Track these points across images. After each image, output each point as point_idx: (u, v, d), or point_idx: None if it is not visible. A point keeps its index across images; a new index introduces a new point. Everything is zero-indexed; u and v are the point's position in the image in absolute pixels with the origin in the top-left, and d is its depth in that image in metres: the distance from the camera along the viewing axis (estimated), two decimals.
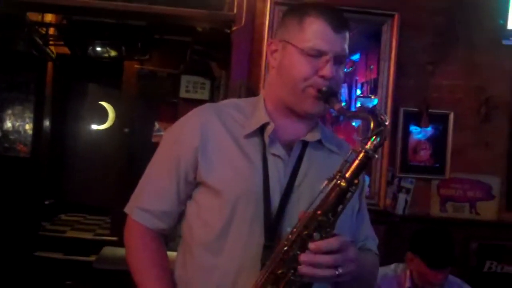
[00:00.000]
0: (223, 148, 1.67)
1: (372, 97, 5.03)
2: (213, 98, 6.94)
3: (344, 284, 1.54)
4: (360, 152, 1.49)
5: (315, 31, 1.63)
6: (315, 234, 1.46)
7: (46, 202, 9.15)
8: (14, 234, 7.34)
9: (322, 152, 1.74)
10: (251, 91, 4.02)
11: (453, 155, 4.24)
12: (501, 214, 4.31)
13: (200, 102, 7.06)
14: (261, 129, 1.69)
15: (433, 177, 4.25)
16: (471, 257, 4.18)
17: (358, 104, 5.34)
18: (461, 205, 4.26)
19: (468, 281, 3.36)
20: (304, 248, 1.45)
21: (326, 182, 1.50)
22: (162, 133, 7.86)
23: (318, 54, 1.63)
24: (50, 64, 8.27)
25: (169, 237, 1.83)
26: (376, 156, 1.50)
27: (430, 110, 4.21)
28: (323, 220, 1.46)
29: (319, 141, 1.74)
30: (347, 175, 1.48)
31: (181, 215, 1.77)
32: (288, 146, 1.70)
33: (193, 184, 1.71)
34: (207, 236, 1.66)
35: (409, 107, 4.22)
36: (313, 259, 1.43)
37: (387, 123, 1.51)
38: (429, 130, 4.23)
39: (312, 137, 1.72)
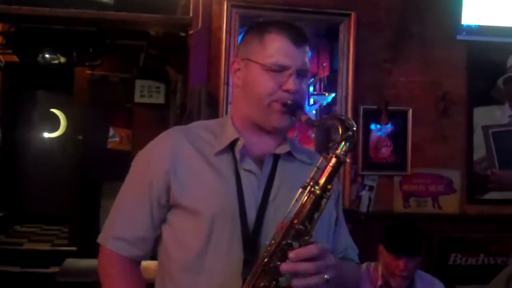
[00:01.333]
0: (195, 168, 1.66)
1: (326, 94, 5.06)
2: (169, 102, 6.87)
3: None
4: (332, 157, 1.51)
5: (276, 47, 1.65)
6: (294, 243, 1.46)
7: (0, 214, 8.93)
8: None
9: (293, 163, 1.74)
10: (211, 94, 4.00)
11: (414, 151, 4.30)
12: (463, 207, 4.40)
13: (155, 106, 7.00)
14: (231, 146, 1.69)
15: (395, 173, 4.30)
16: (435, 251, 4.24)
17: (312, 102, 5.38)
18: (423, 200, 4.32)
19: (434, 275, 3.39)
20: (284, 258, 1.44)
21: (300, 190, 1.50)
22: (116, 139, 7.77)
23: (280, 69, 1.64)
24: None
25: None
26: (348, 160, 1.52)
27: (389, 107, 4.25)
28: (300, 229, 1.46)
29: (289, 153, 1.74)
30: (321, 181, 1.49)
31: (156, 241, 1.74)
32: (259, 161, 1.70)
33: (166, 207, 1.69)
34: (185, 257, 1.64)
35: (368, 105, 4.26)
36: (294, 267, 1.42)
37: (355, 128, 1.53)
38: (389, 127, 4.28)
39: (282, 149, 1.72)
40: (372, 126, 4.26)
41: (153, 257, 1.79)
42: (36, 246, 8.55)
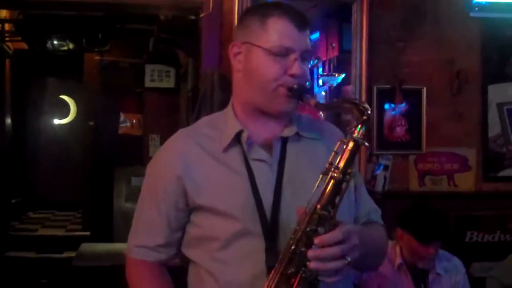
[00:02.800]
0: (206, 169, 1.66)
1: (336, 75, 5.05)
2: (179, 87, 6.88)
3: (356, 262, 1.53)
4: (349, 141, 1.49)
5: (280, 31, 1.62)
6: (319, 228, 1.46)
7: (13, 201, 8.98)
8: None
9: (302, 143, 1.73)
10: (224, 77, 3.98)
11: (428, 130, 4.28)
12: (478, 185, 4.38)
13: (166, 90, 7.01)
14: (237, 138, 1.68)
15: (410, 153, 4.29)
16: (451, 229, 4.23)
17: (321, 83, 5.37)
18: (439, 178, 4.31)
19: (450, 252, 3.40)
20: (310, 244, 1.45)
21: (320, 176, 1.49)
22: (127, 124, 7.80)
23: (285, 52, 1.61)
24: (7, 61, 8.08)
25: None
26: (366, 144, 1.51)
27: (403, 86, 4.23)
28: (324, 214, 1.46)
29: (297, 134, 1.72)
30: (340, 165, 1.48)
31: (181, 241, 1.77)
32: (268, 147, 1.69)
33: (185, 210, 1.70)
34: (213, 250, 1.65)
35: (382, 85, 4.24)
36: (321, 253, 1.42)
37: (369, 111, 1.51)
38: (403, 106, 4.26)
39: (288, 132, 1.70)
40: (386, 106, 4.24)
41: None
42: (50, 232, 8.62)
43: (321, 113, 4.37)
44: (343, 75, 4.92)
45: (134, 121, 7.67)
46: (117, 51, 7.85)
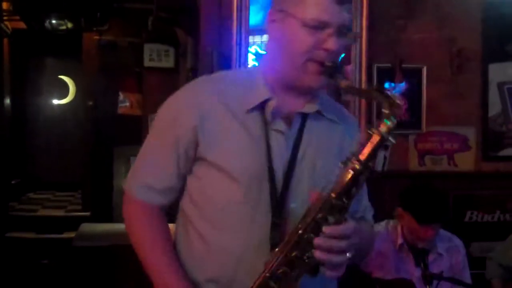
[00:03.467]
0: (223, 125, 1.62)
1: None
2: (178, 66, 6.83)
3: None
4: (376, 135, 1.43)
5: (318, 2, 1.55)
6: (329, 217, 1.43)
7: (13, 182, 8.98)
8: None
9: (321, 122, 1.69)
10: (223, 56, 3.96)
11: (428, 109, 4.26)
12: (478, 164, 4.37)
13: (165, 70, 6.96)
14: (262, 104, 1.63)
15: (410, 132, 4.27)
16: (451, 208, 4.23)
17: None
18: (439, 158, 4.30)
19: (450, 232, 3.40)
20: (318, 232, 1.42)
21: (340, 164, 1.45)
22: (127, 104, 7.76)
23: (321, 26, 1.55)
24: (6, 41, 8.04)
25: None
26: (394, 141, 1.44)
27: (403, 65, 4.20)
28: (337, 204, 1.43)
29: (318, 112, 1.68)
30: (362, 158, 1.42)
31: (181, 190, 1.73)
32: (288, 120, 1.65)
33: (193, 159, 1.66)
34: (211, 211, 1.63)
35: (382, 64, 4.21)
36: (328, 244, 1.41)
37: (401, 106, 1.44)
38: (403, 85, 4.23)
39: (310, 108, 1.66)
40: (386, 85, 4.21)
41: (171, 220, 1.78)
42: (50, 213, 8.62)
43: None
44: (342, 54, 4.88)
45: (133, 101, 7.64)
46: (115, 30, 7.80)
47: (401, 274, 3.15)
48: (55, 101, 10.66)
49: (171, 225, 1.74)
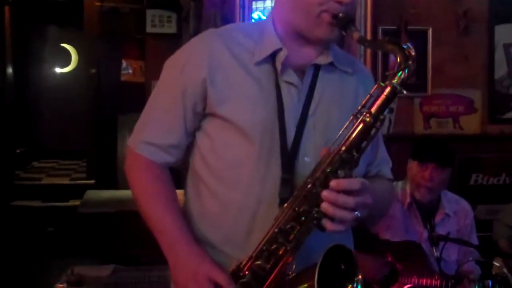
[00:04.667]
0: (233, 77, 1.57)
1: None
2: (181, 31, 6.78)
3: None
4: (387, 87, 1.40)
5: None
6: (339, 171, 1.40)
7: (18, 151, 9.00)
8: None
9: (334, 74, 1.64)
10: (227, 19, 3.92)
11: (434, 71, 4.22)
12: (484, 127, 4.35)
13: (168, 36, 6.91)
14: (272, 55, 1.59)
15: (416, 95, 4.24)
16: (456, 171, 4.21)
17: None
18: (444, 121, 4.28)
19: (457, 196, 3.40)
20: (327, 186, 1.39)
21: (351, 117, 1.42)
22: (129, 71, 7.71)
23: None
24: (7, 8, 7.98)
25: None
26: (405, 92, 1.40)
27: (408, 27, 4.15)
28: (347, 157, 1.40)
29: (331, 63, 1.63)
30: (373, 110, 1.39)
31: (189, 147, 1.69)
32: (300, 72, 1.60)
33: (201, 115, 1.62)
34: (222, 168, 1.59)
35: (387, 26, 4.16)
36: (335, 197, 1.38)
37: (414, 57, 1.41)
38: None
39: (323, 59, 1.62)
40: None
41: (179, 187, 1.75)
42: (55, 181, 8.65)
43: None
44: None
45: (136, 68, 7.59)
46: None
47: (409, 235, 3.16)
48: (58, 70, 10.63)
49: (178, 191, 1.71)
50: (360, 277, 1.41)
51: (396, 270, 3.03)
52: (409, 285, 3.02)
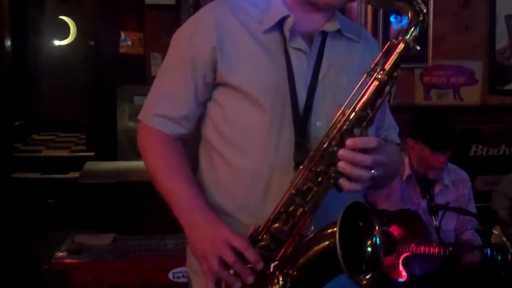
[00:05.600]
0: (242, 46, 1.58)
1: None
2: (180, 2, 6.74)
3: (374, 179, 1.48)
4: (400, 43, 1.39)
5: None
6: (355, 129, 1.40)
7: (17, 123, 8.98)
8: None
9: (341, 41, 1.65)
10: None
11: (435, 42, 4.20)
12: (484, 98, 4.35)
13: (166, 7, 6.86)
14: (280, 23, 1.59)
15: (416, 66, 4.23)
16: (456, 142, 4.22)
17: None
18: (445, 92, 4.28)
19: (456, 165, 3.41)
20: (343, 145, 1.39)
21: (364, 75, 1.41)
22: (128, 43, 7.67)
23: None
24: None
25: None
26: (418, 47, 1.40)
27: None
28: (362, 115, 1.40)
29: (338, 31, 1.64)
30: (386, 67, 1.39)
31: (200, 118, 1.69)
32: (308, 38, 1.61)
33: (212, 85, 1.63)
34: (236, 136, 1.60)
35: None
36: (352, 156, 1.37)
37: (425, 12, 1.41)
38: None
39: (331, 27, 1.62)
40: (392, 18, 4.16)
41: None
42: (54, 153, 8.65)
43: None
44: None
45: (134, 40, 7.55)
46: None
47: (406, 206, 3.18)
48: (56, 42, 10.57)
49: None
50: (377, 228, 1.41)
51: (394, 239, 3.05)
52: (407, 253, 3.05)
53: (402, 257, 3.04)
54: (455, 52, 4.26)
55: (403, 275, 3.03)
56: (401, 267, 3.03)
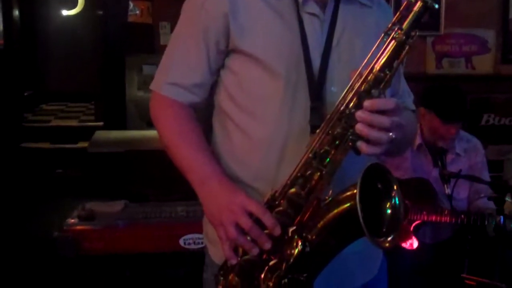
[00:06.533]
0: (255, 11, 1.54)
1: None
2: None
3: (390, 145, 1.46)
4: (417, 1, 1.34)
5: None
6: (373, 91, 1.36)
7: (25, 94, 8.98)
8: None
9: (354, 6, 1.61)
10: None
11: (447, 10, 4.16)
12: (497, 67, 4.32)
13: None
14: None
15: (428, 34, 4.19)
16: (468, 112, 4.19)
17: None
18: (457, 60, 4.24)
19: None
20: (360, 107, 1.35)
21: (382, 35, 1.37)
22: (137, 12, 7.62)
23: None
24: None
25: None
26: (437, 6, 1.35)
27: None
28: (379, 76, 1.35)
29: None
30: (404, 26, 1.34)
31: (213, 87, 1.67)
32: (321, 3, 1.57)
33: (225, 52, 1.60)
34: (250, 103, 1.57)
35: None
36: (370, 117, 1.34)
37: None
38: None
39: None
40: None
41: None
42: (63, 123, 8.66)
43: None
44: None
45: (143, 9, 7.50)
46: None
47: (418, 175, 3.16)
48: (64, 12, 10.51)
49: None
50: (395, 187, 1.38)
51: (405, 206, 3.04)
52: (418, 222, 3.04)
53: (413, 225, 3.03)
54: (467, 20, 4.22)
55: (414, 243, 3.03)
56: (412, 235, 3.02)
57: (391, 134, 1.36)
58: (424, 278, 3.12)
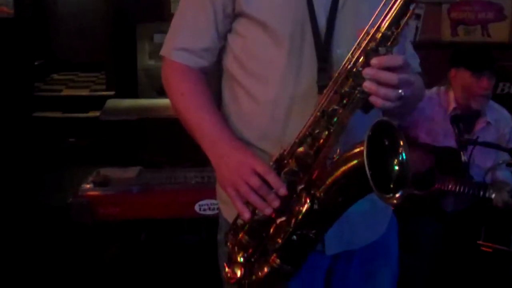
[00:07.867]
0: None
1: None
2: None
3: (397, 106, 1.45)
4: None
5: None
6: (380, 48, 1.34)
7: (36, 63, 8.97)
8: (8, 96, 7.24)
9: None
10: None
11: None
12: None
13: None
14: None
15: (443, 1, 4.14)
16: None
17: None
18: (472, 28, 4.20)
19: None
20: (368, 64, 1.34)
21: None
22: None
23: None
24: None
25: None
26: None
27: None
28: (386, 34, 1.34)
29: None
30: None
31: (221, 52, 1.68)
32: None
33: (231, 16, 1.61)
34: (258, 67, 1.59)
35: None
36: (377, 74, 1.33)
37: None
38: None
39: None
40: None
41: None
42: (74, 92, 8.65)
43: None
44: None
45: None
46: None
47: (447, 141, 3.15)
48: None
49: None
50: (402, 143, 1.37)
51: (434, 172, 3.04)
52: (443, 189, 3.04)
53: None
54: None
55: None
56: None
57: (400, 91, 1.35)
58: (441, 245, 3.13)
